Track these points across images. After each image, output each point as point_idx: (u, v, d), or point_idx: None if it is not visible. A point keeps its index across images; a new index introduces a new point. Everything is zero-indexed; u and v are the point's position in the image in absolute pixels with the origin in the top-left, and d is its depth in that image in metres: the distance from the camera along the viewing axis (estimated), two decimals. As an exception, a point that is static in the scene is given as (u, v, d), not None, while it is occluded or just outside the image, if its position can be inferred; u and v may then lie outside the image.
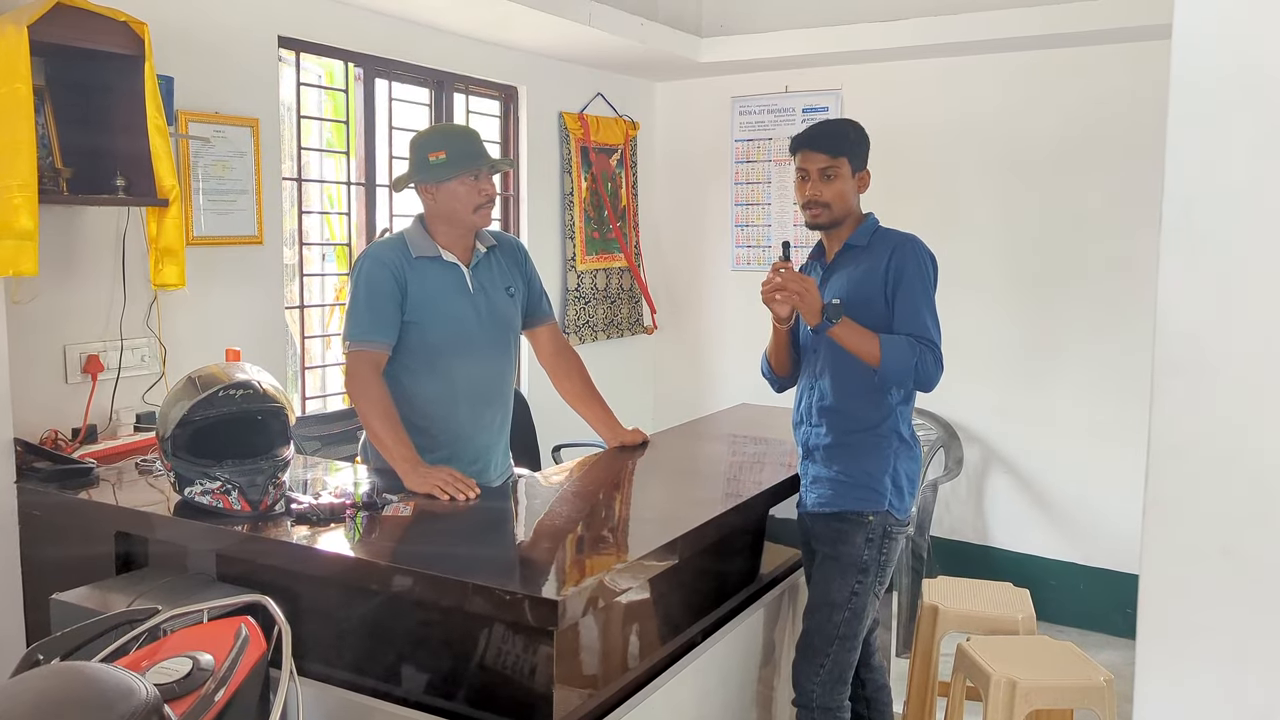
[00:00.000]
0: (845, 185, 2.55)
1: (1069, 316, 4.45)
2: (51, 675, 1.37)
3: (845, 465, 2.52)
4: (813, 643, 2.54)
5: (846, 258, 2.59)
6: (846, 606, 2.51)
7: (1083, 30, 4.01)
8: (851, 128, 2.62)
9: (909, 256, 2.49)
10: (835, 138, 2.56)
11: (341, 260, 4.18)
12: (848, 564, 2.51)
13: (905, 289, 2.47)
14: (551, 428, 4.17)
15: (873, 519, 2.50)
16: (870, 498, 2.50)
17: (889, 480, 2.52)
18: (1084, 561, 4.48)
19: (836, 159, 2.53)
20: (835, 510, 2.53)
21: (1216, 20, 0.91)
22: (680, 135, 5.40)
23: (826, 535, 2.55)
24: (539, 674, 1.89)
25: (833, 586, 2.52)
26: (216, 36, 3.18)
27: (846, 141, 2.56)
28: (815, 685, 2.52)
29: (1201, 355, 0.94)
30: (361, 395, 2.51)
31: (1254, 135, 0.92)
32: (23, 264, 2.44)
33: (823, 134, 2.58)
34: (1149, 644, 0.97)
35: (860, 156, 2.58)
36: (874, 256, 2.53)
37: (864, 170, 2.59)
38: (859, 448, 2.52)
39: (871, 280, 2.50)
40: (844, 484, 2.52)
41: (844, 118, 2.74)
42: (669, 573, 2.24)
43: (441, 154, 2.55)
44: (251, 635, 1.63)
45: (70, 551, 2.52)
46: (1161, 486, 0.96)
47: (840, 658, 2.52)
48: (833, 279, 2.59)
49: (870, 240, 2.56)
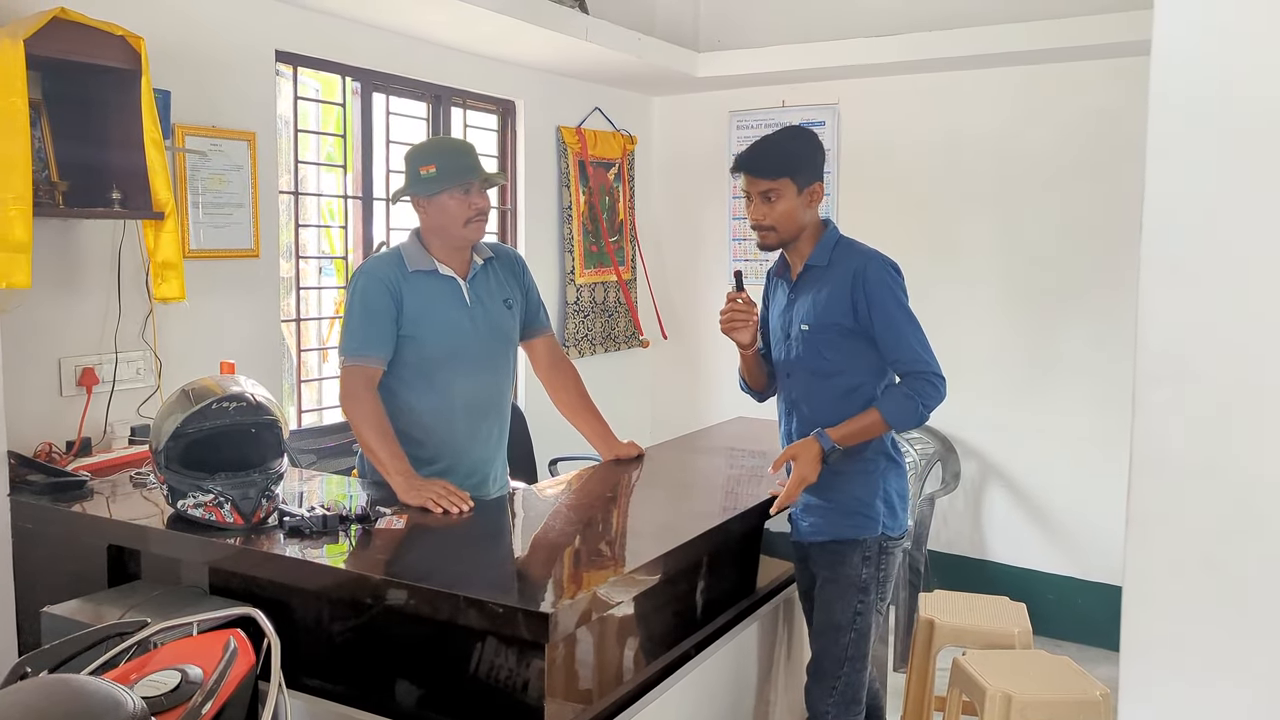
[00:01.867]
0: (789, 204, 2.44)
1: (1066, 330, 4.45)
2: (39, 688, 1.37)
3: (835, 493, 2.49)
4: (823, 666, 2.53)
5: (809, 279, 2.51)
6: (852, 628, 2.49)
7: (1076, 45, 4.03)
8: (794, 141, 2.50)
9: (873, 282, 2.40)
10: (775, 157, 2.44)
11: (339, 274, 4.19)
12: (848, 585, 2.49)
13: (882, 319, 2.40)
14: (548, 441, 4.17)
15: (868, 539, 2.49)
16: (864, 524, 2.48)
17: (880, 503, 2.50)
18: (1081, 576, 4.47)
19: (777, 180, 2.42)
20: (830, 538, 2.51)
21: (1194, 39, 0.92)
22: (678, 149, 5.42)
23: (823, 560, 2.54)
24: (531, 688, 1.89)
25: (836, 609, 2.50)
26: (214, 51, 3.19)
27: (788, 159, 2.44)
28: (829, 708, 2.50)
29: (1182, 368, 0.94)
30: (355, 410, 2.51)
31: (1231, 151, 0.92)
32: (16, 276, 2.45)
33: (761, 154, 2.45)
34: (1132, 655, 0.97)
35: (808, 171, 2.45)
36: (835, 278, 2.44)
37: (815, 183, 2.47)
38: (847, 475, 2.48)
39: (836, 305, 2.43)
40: (836, 512, 2.50)
41: (792, 127, 2.59)
42: (663, 586, 2.24)
43: (432, 167, 2.56)
44: (240, 648, 1.62)
45: (63, 564, 2.52)
46: (1143, 498, 0.96)
47: (851, 678, 2.50)
48: (798, 302, 2.53)
49: (830, 258, 2.47)
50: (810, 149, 2.50)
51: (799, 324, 2.49)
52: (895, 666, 3.89)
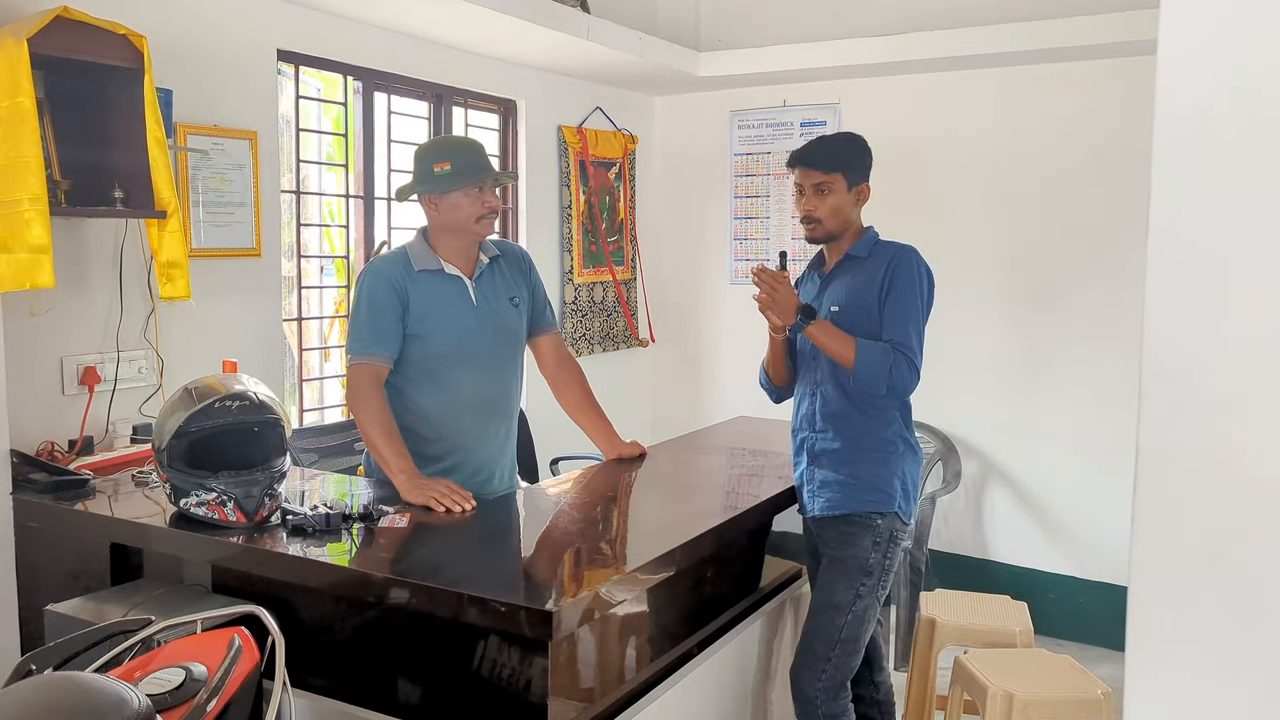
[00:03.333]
0: (840, 200, 2.57)
1: (1067, 329, 4.45)
2: (44, 685, 1.37)
3: (855, 469, 2.55)
4: (814, 647, 2.54)
5: (845, 267, 2.61)
6: (850, 609, 2.52)
7: (1076, 45, 4.03)
8: (848, 142, 2.64)
9: (904, 267, 2.53)
10: (829, 153, 2.58)
11: (340, 273, 4.19)
12: (854, 566, 2.53)
13: (895, 297, 2.50)
14: (550, 441, 4.17)
15: (881, 522, 2.53)
16: (881, 500, 2.54)
17: (898, 483, 2.55)
18: (1083, 575, 4.47)
19: (830, 175, 2.56)
20: (845, 513, 2.55)
21: (1201, 37, 0.92)
22: (679, 149, 5.42)
23: (834, 538, 2.57)
24: (534, 686, 1.89)
25: (837, 589, 2.54)
26: (216, 50, 3.20)
27: (841, 157, 2.58)
28: (818, 691, 2.52)
29: (1188, 363, 0.94)
30: (361, 407, 2.51)
31: (1238, 148, 0.93)
32: (39, 277, 2.45)
33: (817, 150, 2.60)
34: (1138, 650, 0.97)
35: (858, 171, 2.59)
36: (873, 266, 2.56)
37: (863, 184, 2.61)
38: (869, 452, 2.55)
39: (869, 288, 2.53)
40: (854, 487, 2.55)
41: (845, 132, 2.74)
42: (666, 585, 2.24)
43: (446, 165, 2.56)
44: (245, 646, 1.62)
45: (66, 563, 2.52)
46: (1149, 494, 0.96)
47: (842, 662, 2.53)
48: (830, 286, 2.62)
49: (871, 251, 2.59)
50: (861, 152, 2.63)
51: (829, 306, 2.57)
52: (897, 665, 3.89)
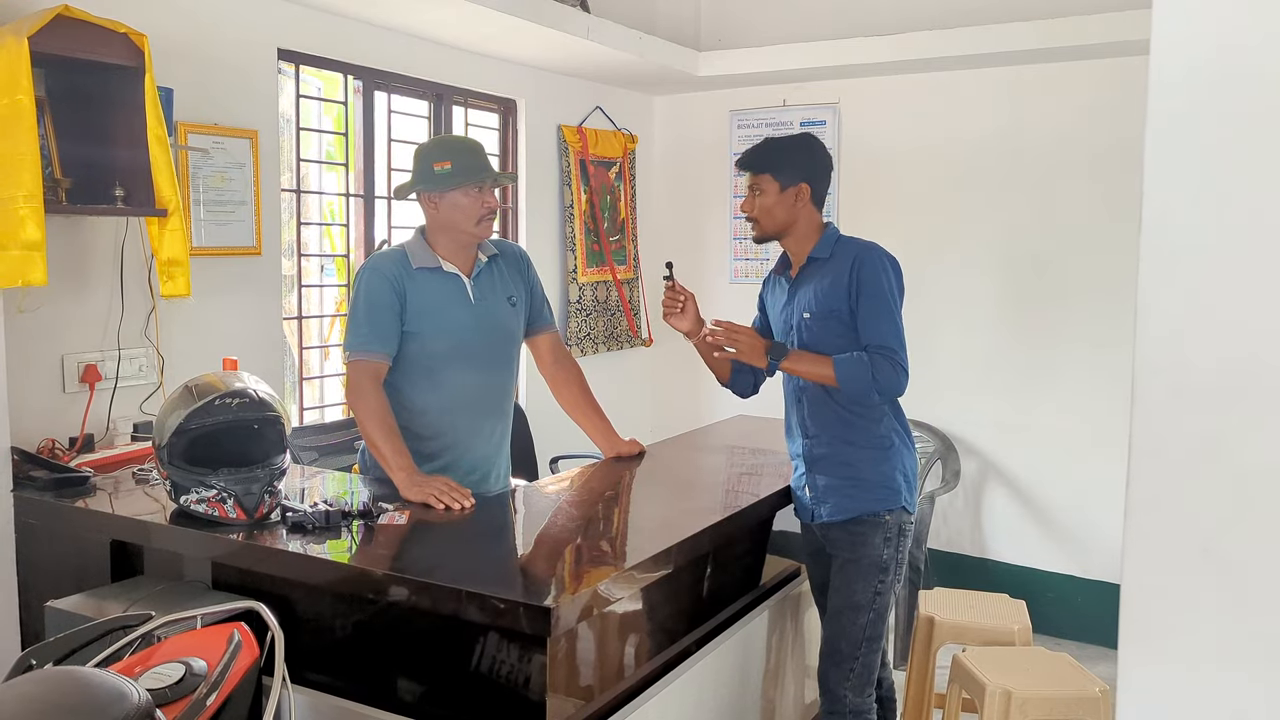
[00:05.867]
0: (770, 200, 2.58)
1: (1066, 329, 4.45)
2: (44, 680, 1.38)
3: (856, 470, 2.56)
4: (840, 648, 2.56)
5: (810, 270, 2.61)
6: (870, 608, 2.54)
7: (1075, 45, 4.04)
8: (781, 143, 2.64)
9: (868, 265, 2.50)
10: (758, 155, 2.61)
11: (340, 272, 4.20)
12: (869, 565, 2.54)
13: (865, 300, 2.49)
14: (549, 439, 4.18)
15: (889, 518, 2.54)
16: (887, 497, 2.55)
17: (900, 477, 2.57)
18: (1081, 574, 4.47)
19: (758, 175, 2.58)
20: (853, 516, 2.56)
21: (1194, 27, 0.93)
22: (679, 148, 5.42)
23: (844, 541, 2.58)
24: (533, 682, 1.90)
25: (856, 589, 2.55)
26: (216, 48, 3.20)
27: (768, 159, 2.59)
28: (847, 690, 2.55)
29: (1181, 356, 0.95)
30: (360, 404, 2.52)
31: (1230, 139, 0.93)
32: (31, 274, 2.46)
33: (750, 152, 2.62)
34: (1130, 644, 0.98)
35: (790, 171, 2.57)
36: (837, 267, 2.55)
37: (800, 184, 2.57)
38: (866, 451, 2.56)
39: (835, 292, 2.53)
40: (858, 488, 2.55)
41: (795, 134, 2.71)
42: (664, 582, 2.25)
43: (447, 164, 2.57)
44: (244, 641, 1.63)
45: (66, 560, 2.52)
46: (1142, 487, 0.97)
47: (868, 659, 2.56)
48: (799, 293, 2.62)
49: (833, 251, 2.58)
50: (799, 152, 2.61)
51: (801, 313, 2.58)
52: (895, 664, 3.89)
